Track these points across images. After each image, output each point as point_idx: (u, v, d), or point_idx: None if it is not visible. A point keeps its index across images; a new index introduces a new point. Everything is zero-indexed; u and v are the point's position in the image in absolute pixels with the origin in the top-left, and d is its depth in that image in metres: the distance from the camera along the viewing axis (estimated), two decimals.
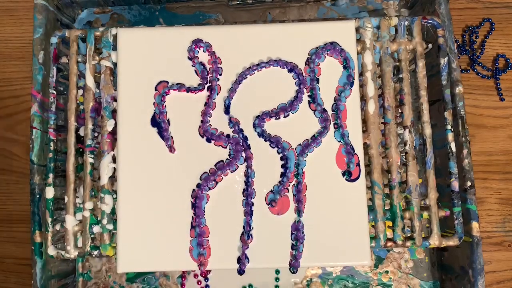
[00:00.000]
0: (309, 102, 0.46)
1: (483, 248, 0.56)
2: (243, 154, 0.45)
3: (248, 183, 0.44)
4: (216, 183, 0.45)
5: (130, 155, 0.45)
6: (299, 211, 0.44)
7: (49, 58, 0.49)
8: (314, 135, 0.45)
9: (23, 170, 0.58)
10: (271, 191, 0.45)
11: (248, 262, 0.43)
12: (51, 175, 0.47)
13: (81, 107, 0.48)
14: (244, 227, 0.44)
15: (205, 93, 0.46)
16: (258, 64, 0.46)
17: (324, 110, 0.46)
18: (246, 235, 0.44)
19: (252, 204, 0.44)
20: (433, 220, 0.45)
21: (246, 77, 0.46)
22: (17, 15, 0.61)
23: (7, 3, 0.61)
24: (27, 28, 0.60)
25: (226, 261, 0.44)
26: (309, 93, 0.46)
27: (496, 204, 0.57)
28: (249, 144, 0.45)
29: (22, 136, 0.58)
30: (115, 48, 0.47)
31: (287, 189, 0.44)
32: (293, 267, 0.43)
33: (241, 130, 0.45)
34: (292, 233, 0.44)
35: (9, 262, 0.56)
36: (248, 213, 0.44)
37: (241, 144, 0.45)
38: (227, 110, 0.46)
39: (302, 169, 0.45)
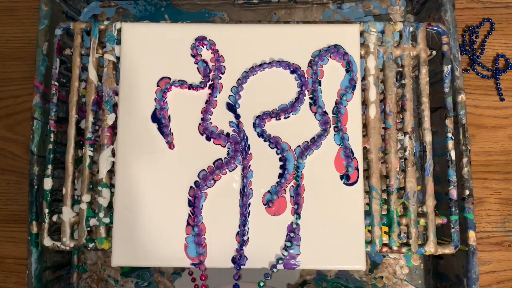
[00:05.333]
0: (310, 104, 0.46)
1: (483, 248, 0.56)
2: (242, 154, 0.45)
3: (245, 182, 0.44)
4: (215, 181, 0.45)
5: (130, 150, 0.45)
6: (296, 213, 0.44)
7: (53, 50, 0.49)
8: (313, 137, 0.45)
9: (23, 170, 0.57)
10: (269, 191, 0.45)
11: (243, 262, 0.43)
12: (50, 166, 0.47)
13: (83, 99, 0.48)
14: (240, 227, 0.44)
15: (206, 90, 0.46)
16: (260, 65, 0.46)
17: (325, 113, 0.45)
18: (242, 235, 0.44)
19: (249, 204, 0.44)
20: (430, 227, 0.45)
21: (249, 78, 0.46)
22: (17, 15, 0.60)
23: (7, 3, 0.61)
24: (27, 28, 0.60)
25: (221, 260, 0.44)
26: (311, 95, 0.46)
27: (496, 204, 0.57)
28: (249, 144, 0.45)
29: (22, 136, 0.58)
30: (119, 42, 0.47)
31: (285, 190, 0.44)
32: (288, 268, 0.43)
33: (242, 130, 0.45)
34: (287, 234, 0.44)
35: (9, 262, 0.56)
36: (245, 213, 0.44)
37: (240, 143, 0.45)
38: (234, 111, 0.45)
39: (301, 171, 0.44)
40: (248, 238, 0.44)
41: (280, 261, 0.43)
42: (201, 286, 0.44)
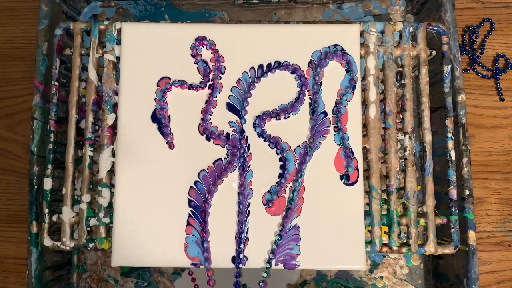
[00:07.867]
0: (310, 104, 0.46)
1: (483, 248, 0.56)
2: (242, 154, 0.45)
3: (245, 183, 0.44)
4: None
5: (130, 150, 0.45)
6: (281, 225, 0.44)
7: (53, 50, 0.49)
8: (313, 137, 0.45)
9: (23, 170, 0.57)
10: (269, 191, 0.45)
11: (243, 262, 0.43)
12: (50, 166, 0.47)
13: (83, 99, 0.48)
14: (240, 227, 0.44)
15: (206, 90, 0.46)
16: (263, 72, 0.46)
17: (325, 113, 0.45)
18: (241, 235, 0.44)
19: (249, 204, 0.44)
20: (430, 227, 0.45)
21: (254, 84, 0.46)
22: (17, 15, 0.60)
23: (7, 3, 0.61)
24: (27, 28, 0.60)
25: (222, 260, 0.44)
26: (311, 95, 0.46)
27: (496, 204, 0.57)
28: (249, 144, 0.45)
29: (22, 136, 0.58)
30: (119, 42, 0.47)
31: (285, 190, 0.44)
32: (288, 268, 0.43)
33: (242, 131, 0.45)
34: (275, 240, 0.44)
35: (9, 262, 0.56)
36: (244, 213, 0.44)
37: (239, 147, 0.45)
38: (239, 115, 0.45)
39: (303, 179, 0.44)
40: (248, 238, 0.44)
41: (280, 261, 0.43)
42: None
